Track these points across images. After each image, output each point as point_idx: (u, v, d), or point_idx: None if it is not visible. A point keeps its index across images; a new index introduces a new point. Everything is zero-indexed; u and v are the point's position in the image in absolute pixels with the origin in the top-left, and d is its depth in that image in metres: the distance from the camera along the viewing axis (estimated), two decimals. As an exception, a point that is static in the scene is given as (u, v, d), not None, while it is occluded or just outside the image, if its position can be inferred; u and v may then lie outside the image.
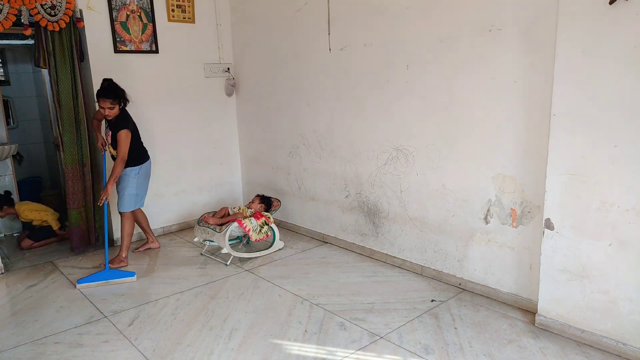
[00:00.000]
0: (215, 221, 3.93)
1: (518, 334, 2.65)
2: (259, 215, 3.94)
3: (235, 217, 3.91)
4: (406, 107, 3.36)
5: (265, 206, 4.18)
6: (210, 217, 3.98)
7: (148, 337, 2.75)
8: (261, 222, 3.91)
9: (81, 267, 3.86)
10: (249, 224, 3.83)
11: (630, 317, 2.37)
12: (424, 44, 3.17)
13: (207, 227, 3.86)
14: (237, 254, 3.84)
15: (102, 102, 3.61)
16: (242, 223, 3.80)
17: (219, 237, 3.74)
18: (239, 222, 3.80)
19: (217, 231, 3.76)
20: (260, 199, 4.22)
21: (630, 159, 2.25)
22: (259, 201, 4.21)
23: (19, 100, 6.11)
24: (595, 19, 2.25)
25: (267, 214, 4.01)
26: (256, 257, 3.92)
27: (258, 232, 3.89)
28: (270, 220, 3.99)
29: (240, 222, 3.80)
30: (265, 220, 3.94)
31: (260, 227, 3.91)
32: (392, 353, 2.52)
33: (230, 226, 3.76)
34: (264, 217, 3.94)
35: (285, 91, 4.39)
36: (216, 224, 3.89)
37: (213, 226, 3.85)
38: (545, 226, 2.59)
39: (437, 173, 3.24)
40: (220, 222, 3.91)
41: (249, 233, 3.83)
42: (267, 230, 3.97)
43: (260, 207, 4.16)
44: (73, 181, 4.03)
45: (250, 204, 4.19)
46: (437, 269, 3.38)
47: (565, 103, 2.41)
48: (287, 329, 2.78)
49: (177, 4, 4.47)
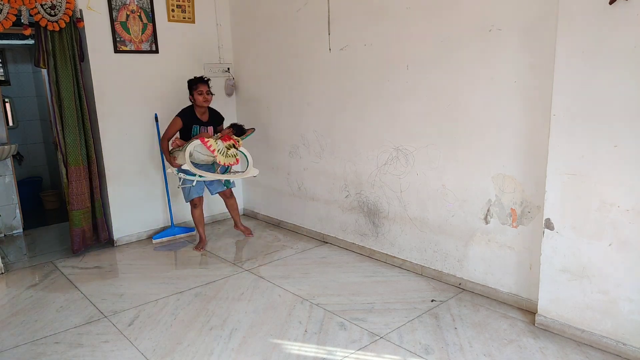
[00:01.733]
0: (182, 142, 3.85)
1: (518, 334, 2.65)
2: (226, 138, 3.76)
3: (198, 137, 3.73)
4: (406, 107, 3.36)
5: (235, 131, 4.00)
6: (178, 140, 3.94)
7: (148, 337, 2.75)
8: (228, 144, 3.71)
9: (81, 267, 3.86)
10: (214, 144, 3.62)
11: (630, 317, 2.37)
12: (424, 44, 3.17)
13: (173, 150, 3.89)
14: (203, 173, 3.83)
15: (202, 87, 3.93)
16: (206, 141, 3.59)
17: (181, 155, 3.66)
18: (201, 140, 3.60)
19: (180, 150, 3.68)
20: (230, 125, 4.08)
21: (630, 159, 2.25)
22: (228, 127, 4.07)
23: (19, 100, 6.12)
24: (596, 19, 2.25)
25: (236, 138, 3.84)
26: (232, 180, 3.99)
27: (225, 155, 3.70)
28: (238, 143, 3.81)
29: (202, 140, 3.60)
30: (232, 142, 3.76)
31: (227, 150, 3.71)
32: (392, 353, 2.52)
33: (191, 142, 3.63)
34: (232, 140, 3.77)
35: (285, 91, 4.39)
36: (182, 145, 3.80)
37: (179, 148, 3.78)
38: (545, 226, 2.59)
39: (437, 173, 3.25)
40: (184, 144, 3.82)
41: (215, 154, 3.64)
42: (236, 153, 3.78)
43: (229, 131, 3.98)
44: (77, 182, 4.00)
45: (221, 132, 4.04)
46: (437, 269, 3.38)
47: (565, 103, 2.41)
48: (287, 329, 2.79)
49: (177, 4, 4.47)
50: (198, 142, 3.59)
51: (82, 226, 4.09)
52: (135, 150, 4.39)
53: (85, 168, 4.06)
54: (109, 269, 3.85)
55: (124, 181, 4.35)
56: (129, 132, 4.33)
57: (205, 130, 4.01)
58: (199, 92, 3.93)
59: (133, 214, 4.44)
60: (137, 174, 4.43)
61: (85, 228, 4.13)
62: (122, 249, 4.27)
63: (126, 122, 4.30)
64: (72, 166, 3.97)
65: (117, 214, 4.36)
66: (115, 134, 4.26)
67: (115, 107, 4.22)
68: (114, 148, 4.27)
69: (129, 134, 4.33)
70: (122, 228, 4.41)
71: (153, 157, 4.52)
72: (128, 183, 4.37)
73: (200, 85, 3.93)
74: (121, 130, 4.28)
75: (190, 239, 4.50)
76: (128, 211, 4.41)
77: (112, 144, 4.25)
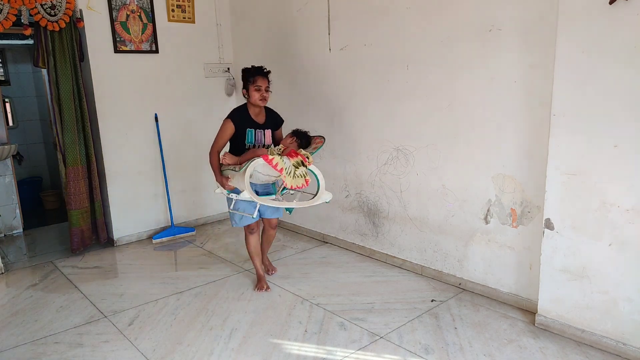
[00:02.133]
0: (234, 160, 2.99)
1: (518, 334, 2.65)
2: (292, 153, 2.89)
3: (256, 152, 2.91)
4: (406, 107, 3.36)
5: (300, 142, 3.12)
6: (229, 155, 3.05)
7: (148, 337, 2.75)
8: (296, 161, 2.86)
9: (81, 267, 3.86)
10: (279, 162, 2.78)
11: (630, 317, 2.37)
12: (424, 44, 3.17)
13: (226, 169, 3.04)
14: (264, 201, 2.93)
15: (261, 81, 3.11)
16: (270, 159, 2.77)
17: (239, 176, 2.85)
18: (264, 158, 2.77)
19: (236, 170, 2.89)
20: (293, 133, 3.15)
21: (630, 159, 2.25)
22: (290, 135, 3.14)
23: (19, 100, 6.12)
24: (595, 18, 2.25)
25: (305, 152, 2.98)
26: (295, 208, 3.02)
27: (293, 175, 2.83)
28: (308, 160, 2.93)
29: (266, 157, 2.77)
30: (301, 159, 2.90)
31: (294, 169, 2.84)
32: (392, 353, 2.52)
33: (252, 163, 2.79)
34: (299, 155, 2.90)
35: (285, 91, 4.39)
36: (235, 163, 2.98)
37: (232, 166, 2.96)
38: (545, 226, 2.59)
39: (437, 173, 3.25)
40: (240, 161, 2.97)
41: (282, 174, 2.79)
42: (305, 173, 2.89)
43: (292, 141, 3.09)
44: (74, 182, 4.01)
45: (282, 141, 3.17)
46: (437, 269, 3.38)
47: (565, 103, 2.41)
48: (287, 329, 2.78)
49: (177, 4, 4.47)
50: (260, 160, 2.78)
51: (80, 226, 4.10)
52: (135, 150, 4.39)
53: (84, 168, 4.06)
54: (109, 269, 3.85)
55: (124, 181, 4.35)
56: (129, 132, 4.33)
57: (262, 135, 3.21)
58: (256, 87, 3.10)
59: (133, 214, 4.44)
60: (137, 174, 4.43)
61: (84, 228, 4.14)
62: (122, 249, 4.27)
63: (126, 122, 4.30)
64: (70, 166, 3.97)
65: (117, 214, 4.36)
66: (115, 134, 4.26)
67: (115, 107, 4.22)
68: (114, 148, 4.27)
69: (129, 134, 4.33)
70: (122, 228, 4.41)
71: (153, 157, 4.52)
72: (128, 183, 4.37)
73: (259, 79, 3.11)
74: (121, 130, 4.28)
75: (191, 238, 4.50)
76: (128, 211, 4.41)
77: (112, 144, 4.25)
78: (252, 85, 3.12)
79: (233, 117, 3.15)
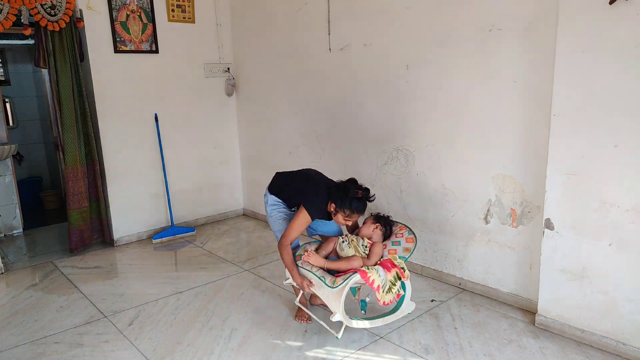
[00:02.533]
0: (320, 263, 2.61)
1: (518, 334, 2.65)
2: (389, 265, 2.55)
3: (351, 263, 2.54)
4: (406, 107, 3.36)
5: (385, 230, 2.80)
6: (313, 254, 2.63)
7: (148, 337, 2.75)
8: (393, 276, 2.52)
9: (81, 267, 3.86)
10: (376, 278, 2.45)
11: (630, 317, 2.37)
12: (424, 44, 3.17)
13: (309, 271, 2.59)
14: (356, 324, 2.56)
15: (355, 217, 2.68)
16: (367, 277, 2.43)
17: (330, 294, 2.48)
18: (361, 274, 2.43)
19: (327, 284, 2.46)
20: (376, 219, 2.79)
21: (630, 159, 2.25)
22: (372, 221, 2.78)
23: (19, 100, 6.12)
24: (595, 18, 2.25)
25: (400, 263, 2.61)
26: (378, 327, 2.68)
27: (387, 291, 2.50)
28: (405, 274, 2.58)
29: (363, 274, 2.43)
30: (398, 272, 2.55)
31: (391, 284, 2.51)
32: (392, 353, 2.52)
33: (349, 279, 2.42)
34: (396, 267, 2.56)
35: (285, 91, 4.39)
36: (322, 267, 2.60)
37: (319, 272, 2.56)
38: (545, 226, 2.59)
39: (437, 173, 3.24)
40: (328, 267, 2.59)
41: (377, 291, 2.46)
42: (400, 288, 2.56)
43: (375, 228, 2.75)
44: (73, 182, 4.02)
45: (360, 229, 2.80)
46: (437, 269, 3.38)
47: (565, 103, 2.41)
48: (287, 329, 2.78)
49: (177, 4, 4.47)
50: (357, 277, 2.43)
51: (79, 225, 4.10)
52: (135, 150, 4.39)
53: (84, 168, 4.07)
54: (109, 269, 3.85)
55: (124, 181, 4.35)
56: (129, 132, 4.33)
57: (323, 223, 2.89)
58: (348, 219, 2.66)
59: (133, 214, 4.44)
60: (137, 174, 4.43)
61: (83, 227, 4.14)
62: (122, 249, 4.27)
63: (126, 122, 4.30)
64: (69, 166, 3.98)
65: (117, 214, 4.36)
66: (115, 134, 4.26)
67: (115, 107, 4.22)
68: (114, 148, 4.27)
69: (128, 133, 4.33)
70: (122, 228, 4.40)
71: (153, 157, 4.52)
72: (128, 183, 4.37)
73: (354, 216, 2.64)
74: (121, 130, 4.28)
75: (191, 238, 4.50)
76: (128, 211, 4.41)
77: (112, 144, 4.25)
78: (345, 217, 2.65)
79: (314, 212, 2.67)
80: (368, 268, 2.48)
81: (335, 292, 2.42)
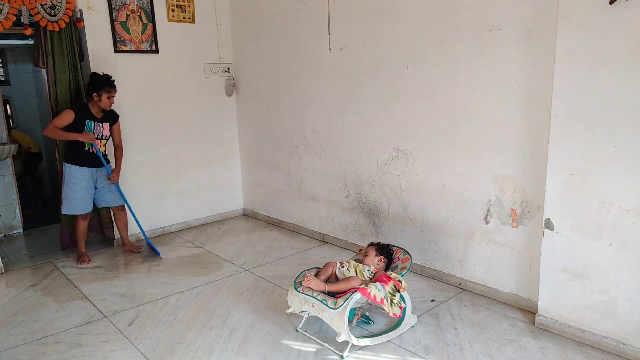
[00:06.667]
0: (320, 287, 2.64)
1: (518, 334, 2.65)
2: (385, 279, 2.63)
3: (351, 282, 2.60)
4: (406, 107, 3.36)
5: (388, 260, 2.93)
6: (313, 278, 2.67)
7: (148, 337, 2.75)
8: (390, 287, 2.61)
9: (81, 267, 3.86)
10: (377, 292, 2.52)
11: (630, 317, 2.37)
12: (424, 44, 3.17)
13: (309, 295, 2.60)
14: (363, 342, 2.59)
15: (114, 92, 3.76)
16: (368, 292, 2.49)
17: (334, 316, 2.49)
18: (362, 292, 2.49)
19: (329, 306, 2.50)
20: (377, 249, 2.94)
21: (630, 159, 2.25)
22: (375, 252, 2.92)
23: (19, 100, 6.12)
24: (595, 19, 2.25)
25: (396, 276, 2.69)
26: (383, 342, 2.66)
27: (391, 303, 2.57)
28: (401, 285, 2.66)
29: (364, 291, 2.49)
30: (395, 285, 2.64)
31: (392, 296, 2.59)
32: (392, 353, 2.52)
33: (351, 298, 2.48)
34: (392, 280, 2.64)
35: (285, 91, 4.39)
36: (322, 290, 2.63)
37: (320, 295, 2.59)
38: (545, 226, 2.59)
39: (437, 173, 3.24)
40: (328, 290, 2.63)
41: (383, 304, 2.54)
42: (400, 300, 2.63)
43: (379, 261, 2.88)
44: None
45: (364, 258, 2.92)
46: (437, 269, 3.38)
47: (565, 103, 2.41)
48: (287, 329, 2.78)
49: (177, 4, 4.47)
50: (358, 295, 2.49)
51: (71, 224, 4.08)
52: (135, 150, 4.38)
53: None
54: (109, 269, 3.84)
55: (124, 181, 4.34)
56: (129, 132, 4.32)
57: (100, 127, 3.84)
58: (109, 96, 3.73)
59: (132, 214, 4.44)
60: (137, 174, 4.42)
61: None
62: (122, 249, 4.27)
63: (126, 122, 4.29)
64: None
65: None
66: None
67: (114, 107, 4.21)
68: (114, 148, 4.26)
69: (128, 133, 4.32)
70: (122, 228, 4.40)
71: (153, 157, 4.51)
72: (128, 183, 4.37)
73: (113, 91, 3.74)
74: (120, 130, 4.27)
75: (191, 238, 4.50)
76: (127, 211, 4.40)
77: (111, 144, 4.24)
78: (106, 94, 3.72)
79: (75, 108, 3.75)
80: (367, 285, 2.55)
81: (337, 313, 2.46)
